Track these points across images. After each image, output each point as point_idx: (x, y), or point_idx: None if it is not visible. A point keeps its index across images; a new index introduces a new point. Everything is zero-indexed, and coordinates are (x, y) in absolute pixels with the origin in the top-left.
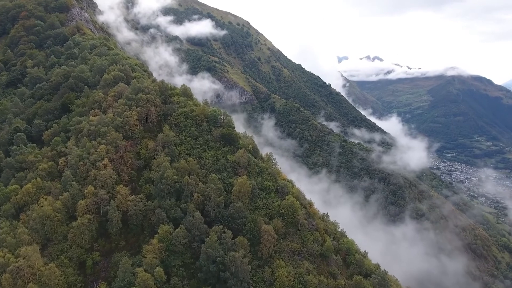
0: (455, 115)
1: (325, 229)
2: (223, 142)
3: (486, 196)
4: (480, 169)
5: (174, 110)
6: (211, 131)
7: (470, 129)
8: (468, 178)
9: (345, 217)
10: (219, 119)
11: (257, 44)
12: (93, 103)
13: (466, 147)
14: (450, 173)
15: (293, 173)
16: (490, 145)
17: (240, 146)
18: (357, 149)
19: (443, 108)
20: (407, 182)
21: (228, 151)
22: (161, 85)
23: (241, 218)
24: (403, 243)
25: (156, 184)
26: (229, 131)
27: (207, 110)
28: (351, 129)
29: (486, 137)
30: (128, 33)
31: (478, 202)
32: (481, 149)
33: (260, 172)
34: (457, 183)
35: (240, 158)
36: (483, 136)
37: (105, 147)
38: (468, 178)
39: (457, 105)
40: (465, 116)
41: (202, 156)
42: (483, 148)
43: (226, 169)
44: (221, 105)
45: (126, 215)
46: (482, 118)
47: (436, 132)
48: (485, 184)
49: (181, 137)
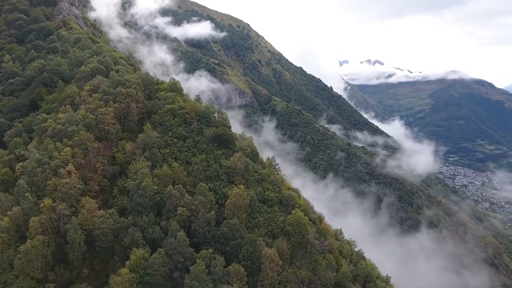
0: (457, 119)
1: (340, 249)
2: (216, 144)
3: (490, 200)
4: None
5: (159, 107)
6: (202, 131)
7: (472, 132)
8: (471, 182)
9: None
10: (212, 117)
11: (258, 46)
12: (64, 98)
13: (468, 151)
14: (453, 177)
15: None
16: (493, 149)
17: (236, 149)
18: (361, 153)
19: (445, 112)
20: (414, 187)
21: (222, 155)
22: (145, 78)
23: (237, 239)
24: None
25: (132, 195)
26: (224, 131)
27: (198, 107)
28: (353, 132)
29: (488, 140)
30: (121, 30)
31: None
32: (484, 153)
33: (261, 181)
34: (460, 187)
35: (236, 163)
36: (485, 139)
37: (70, 150)
38: (471, 182)
39: (459, 108)
40: (467, 119)
41: (191, 160)
42: (486, 152)
43: (219, 176)
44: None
45: (92, 235)
46: (484, 122)
47: (438, 136)
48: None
49: (166, 138)
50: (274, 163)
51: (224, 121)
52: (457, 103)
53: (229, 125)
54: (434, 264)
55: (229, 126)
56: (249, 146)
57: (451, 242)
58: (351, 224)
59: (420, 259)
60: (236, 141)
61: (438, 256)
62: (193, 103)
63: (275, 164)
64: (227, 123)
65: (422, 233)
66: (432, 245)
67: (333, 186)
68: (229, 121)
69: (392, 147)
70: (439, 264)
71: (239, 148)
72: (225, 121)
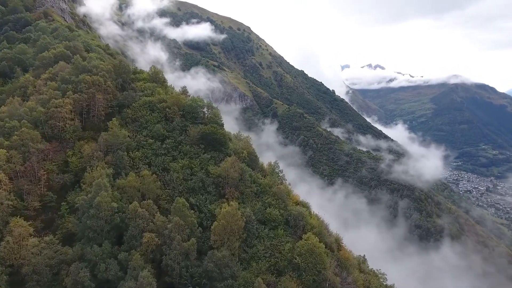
0: (460, 123)
1: (366, 286)
2: (204, 145)
3: (496, 206)
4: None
5: (134, 99)
6: (186, 130)
7: (475, 137)
8: (475, 188)
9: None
10: (199, 112)
11: (258, 49)
12: (15, 89)
13: (471, 155)
14: (457, 183)
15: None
16: (497, 154)
17: (229, 151)
18: (366, 157)
19: (447, 116)
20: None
21: (211, 160)
22: (118, 65)
23: (226, 279)
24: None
25: (81, 216)
26: (214, 130)
27: (183, 99)
28: (356, 136)
29: (492, 145)
30: (113, 26)
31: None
32: (487, 158)
33: (260, 193)
34: (464, 192)
35: (228, 170)
36: (488, 144)
37: (6, 153)
38: (475, 187)
39: (461, 113)
40: (469, 124)
41: (169, 167)
42: (489, 157)
43: (206, 188)
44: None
45: (19, 273)
46: (487, 126)
47: (441, 140)
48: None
49: (139, 138)
50: (277, 169)
51: (215, 118)
52: (459, 108)
53: (221, 122)
54: (461, 284)
55: (222, 123)
56: (246, 149)
57: (475, 257)
58: (366, 236)
59: (445, 279)
60: (230, 142)
61: (463, 274)
62: (176, 95)
63: (279, 171)
64: (218, 119)
65: (442, 246)
66: (455, 260)
67: (341, 193)
68: (221, 118)
69: (397, 151)
70: (467, 284)
71: (233, 150)
72: (216, 117)
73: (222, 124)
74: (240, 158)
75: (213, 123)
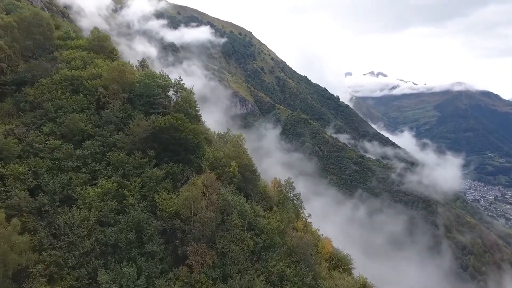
0: (465, 131)
1: None
2: (157, 151)
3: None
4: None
5: (47, 73)
6: (127, 123)
7: (481, 145)
8: (483, 197)
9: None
10: (159, 95)
11: (260, 54)
12: None
13: (478, 163)
14: (464, 192)
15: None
16: (504, 162)
17: (204, 163)
18: (376, 166)
19: (452, 124)
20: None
21: (167, 181)
22: (30, 20)
23: None
24: None
25: None
26: (176, 123)
27: (129, 75)
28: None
29: (498, 153)
30: (97, 18)
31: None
32: (494, 166)
33: (263, 251)
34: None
35: (195, 204)
36: (495, 152)
37: None
38: (483, 196)
39: (466, 120)
40: (475, 132)
41: (77, 195)
42: (496, 165)
43: (144, 244)
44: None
45: None
46: (492, 134)
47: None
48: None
49: (33, 138)
50: (291, 192)
51: (185, 105)
52: (464, 115)
53: (197, 110)
54: None
55: (196, 114)
56: (237, 158)
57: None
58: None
59: None
60: (207, 147)
61: None
62: (118, 67)
63: (295, 196)
64: (191, 108)
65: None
66: None
67: (363, 209)
68: (195, 105)
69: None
70: None
71: (211, 162)
72: (188, 103)
73: (197, 113)
74: (223, 176)
75: (181, 112)
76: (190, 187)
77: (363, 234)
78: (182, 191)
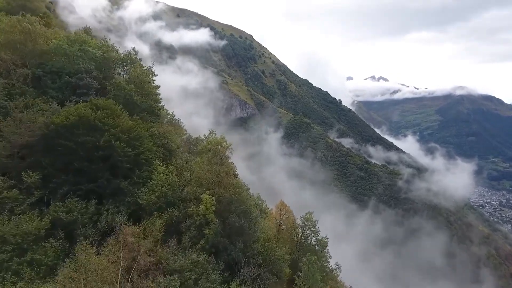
0: (468, 135)
1: None
2: (44, 172)
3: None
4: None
5: None
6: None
7: (484, 149)
8: (488, 202)
9: None
10: (89, 74)
11: (261, 57)
12: None
13: (482, 168)
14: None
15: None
16: (508, 167)
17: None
18: (382, 172)
19: (455, 128)
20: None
21: (58, 240)
22: None
23: None
24: None
25: None
26: (97, 114)
27: (41, 38)
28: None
29: (502, 158)
30: (86, 12)
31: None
32: (498, 171)
33: None
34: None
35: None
36: (498, 157)
37: None
38: (488, 202)
39: (469, 124)
40: (478, 136)
41: None
42: (500, 170)
43: None
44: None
45: None
46: (495, 138)
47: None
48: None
49: None
50: (313, 235)
51: (132, 88)
52: (466, 119)
53: (155, 100)
54: None
55: (151, 103)
56: (214, 185)
57: None
58: None
59: None
60: (158, 164)
61: None
62: (20, 23)
63: (317, 242)
64: (144, 93)
65: None
66: None
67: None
68: (155, 90)
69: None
70: None
71: (159, 192)
72: (143, 77)
73: (158, 99)
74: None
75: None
76: None
77: (384, 258)
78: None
